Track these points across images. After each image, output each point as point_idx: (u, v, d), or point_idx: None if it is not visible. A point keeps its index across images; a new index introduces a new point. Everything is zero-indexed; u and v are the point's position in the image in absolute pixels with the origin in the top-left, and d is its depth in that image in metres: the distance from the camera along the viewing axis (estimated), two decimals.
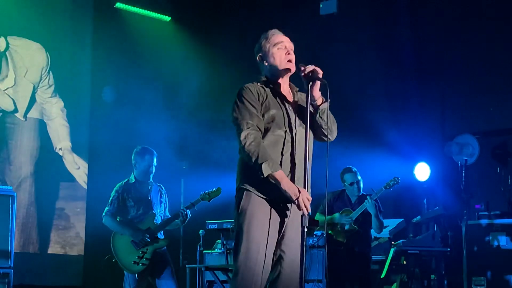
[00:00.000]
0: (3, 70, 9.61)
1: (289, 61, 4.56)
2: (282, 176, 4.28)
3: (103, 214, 7.28)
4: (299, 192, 4.29)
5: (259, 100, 4.42)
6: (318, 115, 4.49)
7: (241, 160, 4.46)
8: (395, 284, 8.84)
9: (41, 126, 9.94)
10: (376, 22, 10.87)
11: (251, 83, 4.53)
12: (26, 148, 9.76)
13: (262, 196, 4.35)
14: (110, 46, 10.44)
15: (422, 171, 10.17)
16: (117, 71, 10.40)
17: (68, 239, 10.00)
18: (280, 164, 4.35)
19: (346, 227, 8.23)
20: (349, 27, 10.76)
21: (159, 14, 11.08)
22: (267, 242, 4.34)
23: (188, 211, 7.29)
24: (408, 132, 10.45)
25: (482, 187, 9.63)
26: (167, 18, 11.15)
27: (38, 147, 9.88)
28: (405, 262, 8.91)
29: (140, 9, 10.89)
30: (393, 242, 8.93)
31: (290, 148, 4.43)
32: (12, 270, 7.68)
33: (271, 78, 4.57)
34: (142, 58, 10.68)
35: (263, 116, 4.40)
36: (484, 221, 8.62)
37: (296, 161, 4.44)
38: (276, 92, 4.53)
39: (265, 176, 4.24)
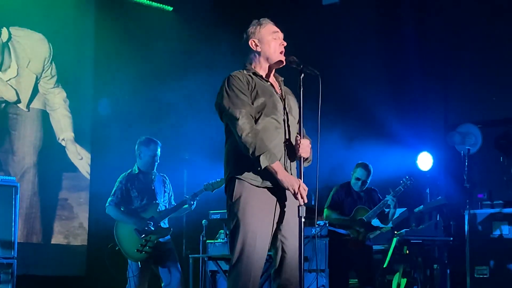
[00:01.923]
0: (5, 61, 9.60)
1: (281, 53, 4.57)
2: (279, 167, 4.30)
3: (107, 204, 7.30)
4: (296, 182, 4.30)
5: (248, 88, 4.41)
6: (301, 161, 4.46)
7: (230, 149, 4.45)
8: (397, 274, 8.85)
9: (44, 117, 9.94)
10: (379, 12, 10.86)
11: (238, 71, 4.52)
12: (29, 138, 9.76)
13: (255, 184, 4.35)
14: (112, 36, 10.41)
15: (424, 161, 10.17)
16: (119, 61, 10.39)
17: (71, 229, 10.02)
18: None
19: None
20: (352, 17, 10.76)
21: (161, 4, 11.07)
22: (264, 230, 4.34)
23: (194, 202, 7.34)
24: (410, 121, 10.45)
25: (484, 176, 9.64)
26: (169, 8, 11.14)
27: (41, 137, 9.89)
28: (407, 252, 8.92)
29: None
30: (395, 232, 8.93)
31: (280, 135, 4.44)
32: (16, 260, 7.69)
33: (260, 66, 4.56)
34: (145, 48, 10.66)
35: (252, 103, 4.38)
36: (486, 211, 8.62)
37: (286, 148, 4.45)
38: (264, 80, 4.53)
39: (262, 168, 4.24)
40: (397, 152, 10.05)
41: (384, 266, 8.79)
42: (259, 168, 4.24)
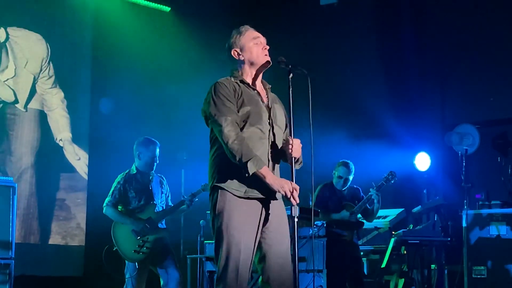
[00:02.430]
0: (3, 61, 9.60)
1: (266, 55, 4.55)
2: (266, 171, 4.29)
3: (104, 204, 7.30)
4: (286, 184, 4.30)
5: (234, 96, 4.39)
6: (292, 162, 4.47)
7: (214, 157, 4.45)
8: (395, 274, 8.85)
9: (42, 117, 9.93)
10: (376, 12, 10.87)
11: (225, 78, 4.51)
12: (26, 139, 9.76)
13: (238, 195, 4.33)
14: (110, 36, 10.42)
15: (422, 161, 10.18)
16: (117, 62, 10.39)
17: (69, 230, 10.01)
18: None
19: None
20: (350, 17, 10.77)
21: (159, 5, 11.07)
22: (247, 242, 4.32)
23: (192, 202, 7.34)
24: (408, 122, 10.46)
25: (482, 176, 9.64)
26: (167, 9, 11.14)
27: (39, 138, 9.88)
28: (405, 252, 8.92)
29: (140, 0, 10.88)
30: (393, 232, 8.94)
31: (264, 146, 4.42)
32: (13, 261, 7.68)
33: (246, 73, 4.54)
34: (142, 49, 10.66)
35: (238, 112, 4.36)
36: (484, 211, 8.62)
37: (270, 158, 4.44)
38: (251, 88, 4.51)
39: (251, 174, 4.22)
40: (395, 152, 10.05)
41: (382, 267, 8.80)
42: (247, 175, 4.22)
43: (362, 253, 8.75)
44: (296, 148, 4.44)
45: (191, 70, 10.65)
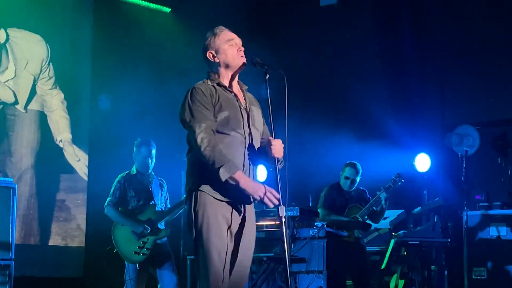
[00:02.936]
0: (3, 62, 9.60)
1: (242, 56, 4.50)
2: (240, 176, 4.24)
3: (105, 204, 7.30)
4: (259, 188, 4.26)
5: (211, 101, 4.36)
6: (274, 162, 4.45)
7: (192, 159, 4.42)
8: (395, 275, 8.85)
9: (42, 118, 9.93)
10: (376, 13, 10.86)
11: (201, 82, 4.47)
12: (26, 140, 9.76)
13: (216, 198, 4.31)
14: (110, 37, 10.42)
15: (422, 162, 10.17)
16: (117, 63, 10.39)
17: (69, 231, 10.01)
18: None
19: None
20: (349, 18, 10.76)
21: (159, 5, 11.07)
22: (227, 247, 4.32)
23: None
24: (408, 123, 10.46)
25: (482, 177, 9.64)
26: (167, 10, 11.14)
27: (39, 139, 9.88)
28: (405, 253, 8.92)
29: (140, 0, 10.88)
30: (393, 233, 8.93)
31: (244, 149, 4.40)
32: (13, 262, 7.67)
33: (222, 76, 4.51)
34: (143, 50, 10.67)
35: (216, 117, 4.34)
36: (484, 212, 8.62)
37: (251, 162, 4.43)
38: (228, 91, 4.48)
39: (223, 180, 4.20)
40: (395, 153, 10.05)
41: (382, 268, 8.79)
42: (224, 178, 4.20)
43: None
44: (278, 148, 4.40)
45: (191, 71, 10.64)
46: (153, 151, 7.41)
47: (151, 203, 7.30)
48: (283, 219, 4.31)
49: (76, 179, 10.15)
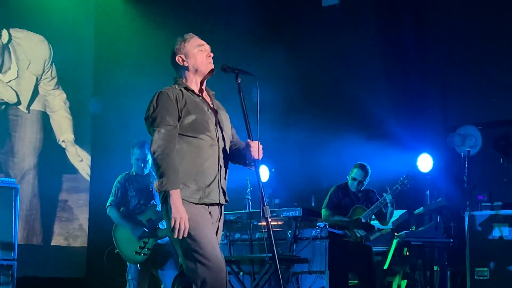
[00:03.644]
0: (5, 63, 9.61)
1: (210, 62, 4.56)
2: (175, 195, 4.22)
3: (107, 204, 7.30)
4: (182, 216, 4.22)
5: (177, 106, 4.38)
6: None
7: None
8: (398, 275, 8.84)
9: (44, 118, 9.95)
10: (378, 13, 10.86)
11: (169, 87, 4.51)
12: (29, 140, 9.77)
13: (193, 201, 4.33)
14: (112, 37, 10.43)
15: (424, 163, 10.16)
16: (119, 63, 10.40)
17: (71, 231, 10.02)
18: (205, 168, 4.36)
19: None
20: (351, 18, 10.76)
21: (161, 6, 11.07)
22: (214, 240, 4.36)
23: None
24: (410, 123, 10.45)
25: (484, 178, 9.63)
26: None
27: (41, 139, 9.90)
28: (408, 253, 8.91)
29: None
30: (396, 234, 8.93)
31: (215, 151, 4.43)
32: (16, 262, 7.69)
33: (191, 80, 4.55)
34: (145, 50, 10.67)
35: (182, 121, 4.36)
36: (487, 212, 8.60)
37: (221, 165, 4.45)
38: (196, 95, 4.51)
39: (159, 189, 4.23)
40: (397, 153, 10.04)
41: (385, 268, 8.79)
42: (164, 189, 4.22)
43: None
44: (257, 150, 4.42)
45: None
46: (148, 154, 7.40)
47: (152, 203, 7.30)
48: (269, 219, 4.32)
49: (78, 179, 10.17)
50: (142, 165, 7.37)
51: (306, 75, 10.58)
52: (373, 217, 8.35)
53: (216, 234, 4.47)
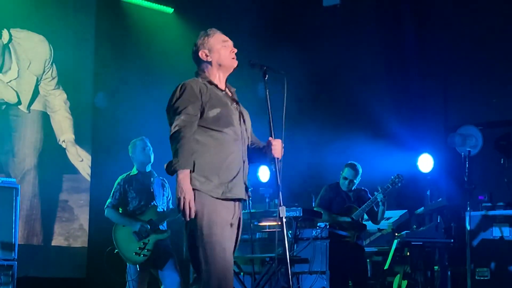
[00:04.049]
0: (6, 63, 9.61)
1: (234, 58, 4.58)
2: (185, 174, 4.22)
3: (105, 206, 7.29)
4: (189, 196, 4.22)
5: (201, 98, 4.38)
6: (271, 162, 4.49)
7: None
8: (398, 276, 8.84)
9: (45, 118, 9.94)
10: (379, 13, 10.87)
11: (192, 79, 4.51)
12: (29, 140, 9.76)
13: (215, 196, 4.32)
14: (113, 38, 10.43)
15: (425, 163, 10.16)
16: (120, 63, 10.39)
17: (72, 231, 10.01)
18: (229, 163, 4.35)
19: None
20: (352, 18, 10.76)
21: (162, 6, 11.07)
22: (229, 243, 4.35)
23: None
24: (411, 123, 10.46)
25: (485, 178, 9.63)
26: (170, 10, 11.14)
27: (42, 139, 9.89)
28: (408, 254, 8.91)
29: (143, 1, 10.88)
30: (396, 234, 8.93)
31: (238, 147, 4.43)
32: (16, 262, 7.69)
33: (214, 75, 4.55)
34: (145, 51, 10.67)
35: (206, 113, 4.36)
36: (487, 212, 8.61)
37: (244, 160, 4.45)
38: (219, 90, 4.52)
39: (172, 169, 4.22)
40: (398, 153, 10.05)
41: (385, 268, 8.79)
42: (172, 169, 4.21)
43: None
44: (278, 149, 4.43)
45: (194, 72, 10.64)
46: (148, 142, 7.42)
47: (152, 203, 7.29)
48: (284, 220, 4.31)
49: (79, 180, 10.16)
50: (150, 152, 7.35)
51: (306, 75, 10.56)
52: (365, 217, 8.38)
53: (238, 230, 4.46)
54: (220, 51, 4.54)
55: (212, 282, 4.25)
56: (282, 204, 4.33)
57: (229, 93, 4.59)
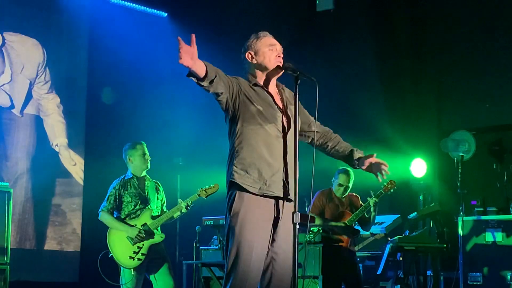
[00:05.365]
0: None
1: (279, 62, 4.60)
2: (203, 65, 4.47)
3: (99, 210, 7.27)
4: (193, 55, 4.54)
5: (239, 87, 4.47)
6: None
7: (231, 151, 4.48)
8: (391, 280, 8.84)
9: (38, 122, 9.93)
10: (373, 18, 10.87)
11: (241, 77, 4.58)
12: (22, 144, 9.75)
13: (253, 192, 4.35)
14: (106, 41, 10.42)
15: (418, 167, 10.18)
16: (113, 67, 10.39)
17: (65, 235, 10.00)
18: (269, 160, 4.40)
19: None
20: (346, 23, 10.77)
21: (155, 10, 11.08)
22: (260, 244, 4.36)
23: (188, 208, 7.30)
24: (404, 128, 10.47)
25: (478, 183, 9.64)
26: (164, 14, 11.15)
27: (35, 143, 9.88)
28: (401, 258, 8.91)
29: (137, 5, 10.89)
30: (389, 238, 8.93)
31: (280, 145, 4.47)
32: (9, 266, 7.68)
33: (260, 77, 4.60)
34: (139, 55, 10.67)
35: (247, 107, 4.43)
36: (480, 217, 8.63)
37: (288, 159, 4.48)
38: (264, 90, 4.56)
39: (206, 81, 4.37)
40: (391, 158, 10.02)
41: (378, 273, 8.78)
42: (207, 83, 4.34)
43: (358, 259, 8.73)
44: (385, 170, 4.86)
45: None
46: (146, 148, 7.40)
47: (147, 207, 7.28)
48: (297, 226, 4.39)
49: (71, 184, 10.15)
50: (148, 159, 7.34)
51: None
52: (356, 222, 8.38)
53: (280, 232, 4.48)
54: (265, 55, 4.58)
55: (231, 283, 4.29)
56: (297, 211, 4.36)
57: (277, 95, 4.63)
